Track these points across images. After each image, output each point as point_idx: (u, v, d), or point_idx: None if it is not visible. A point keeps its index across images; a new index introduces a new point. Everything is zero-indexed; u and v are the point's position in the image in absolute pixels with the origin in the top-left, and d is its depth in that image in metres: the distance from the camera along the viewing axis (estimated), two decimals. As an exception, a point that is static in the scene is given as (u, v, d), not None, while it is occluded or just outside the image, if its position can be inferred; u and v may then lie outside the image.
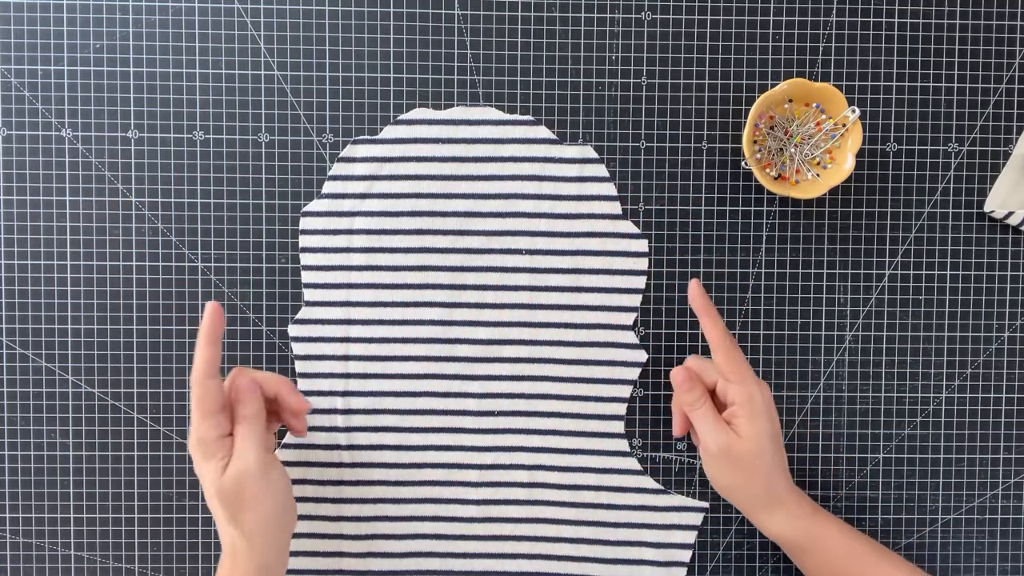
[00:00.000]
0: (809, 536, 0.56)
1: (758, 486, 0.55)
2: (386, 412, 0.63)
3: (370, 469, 0.63)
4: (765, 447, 0.55)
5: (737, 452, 0.54)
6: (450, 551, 0.63)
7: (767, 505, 0.56)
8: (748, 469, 0.55)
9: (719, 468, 0.56)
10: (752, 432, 0.54)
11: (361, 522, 0.63)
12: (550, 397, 0.62)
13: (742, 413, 0.55)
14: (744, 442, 0.54)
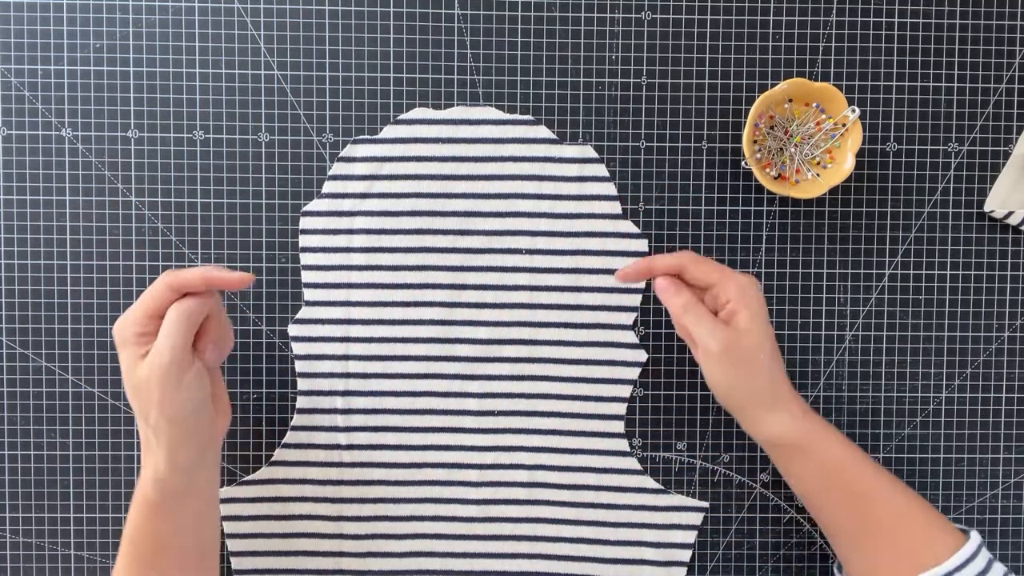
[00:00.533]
0: (810, 436, 0.54)
1: (763, 380, 0.54)
2: (386, 412, 0.63)
3: (370, 469, 0.63)
4: (764, 339, 0.53)
5: (739, 346, 0.53)
6: (450, 551, 0.63)
7: (771, 401, 0.54)
8: (751, 363, 0.53)
9: (722, 368, 0.53)
10: (751, 323, 0.53)
11: (361, 522, 0.63)
12: (550, 397, 0.62)
13: (740, 306, 0.53)
14: (744, 335, 0.53)
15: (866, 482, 0.55)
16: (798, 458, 0.55)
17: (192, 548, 0.54)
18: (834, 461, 0.55)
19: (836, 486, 0.55)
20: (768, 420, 0.55)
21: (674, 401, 0.63)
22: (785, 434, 0.55)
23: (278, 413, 0.63)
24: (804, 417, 0.55)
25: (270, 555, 0.63)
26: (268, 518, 0.63)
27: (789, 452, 0.56)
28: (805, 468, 0.55)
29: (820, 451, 0.55)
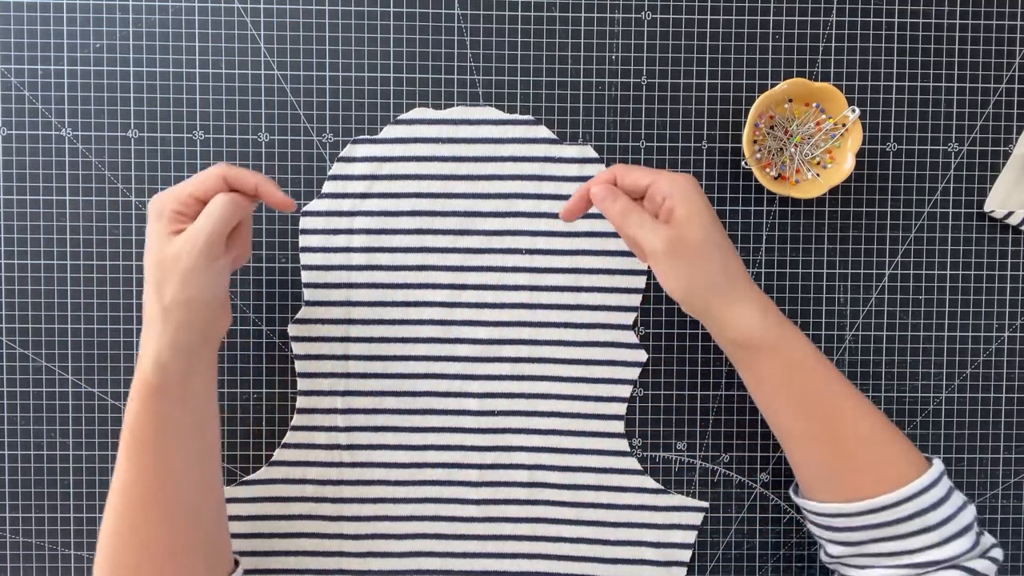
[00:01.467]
0: (777, 333, 0.53)
1: (716, 271, 0.52)
2: (386, 412, 0.63)
3: (370, 469, 0.63)
4: (709, 229, 0.52)
5: (683, 240, 0.51)
6: (450, 551, 0.63)
7: (730, 293, 0.52)
8: (700, 255, 0.51)
9: (671, 265, 0.52)
10: (691, 215, 0.51)
11: (361, 522, 0.63)
12: (550, 397, 0.62)
13: (676, 201, 0.51)
14: (686, 228, 0.51)
15: (831, 390, 0.54)
16: (765, 358, 0.53)
17: (191, 434, 0.53)
18: (800, 363, 0.54)
19: (800, 390, 0.54)
20: (733, 315, 0.53)
21: (674, 401, 0.63)
22: (753, 329, 0.53)
23: (278, 413, 0.63)
24: (769, 312, 0.53)
25: (270, 555, 0.63)
26: (268, 518, 0.63)
27: (755, 352, 0.54)
28: (771, 368, 0.54)
29: (787, 351, 0.53)
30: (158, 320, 0.50)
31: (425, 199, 0.62)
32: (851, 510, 0.53)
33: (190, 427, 0.53)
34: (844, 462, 0.54)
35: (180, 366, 0.51)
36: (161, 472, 0.52)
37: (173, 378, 0.51)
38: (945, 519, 0.52)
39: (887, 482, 0.52)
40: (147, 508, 0.52)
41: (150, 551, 0.52)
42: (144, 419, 0.51)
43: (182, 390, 0.52)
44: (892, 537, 0.52)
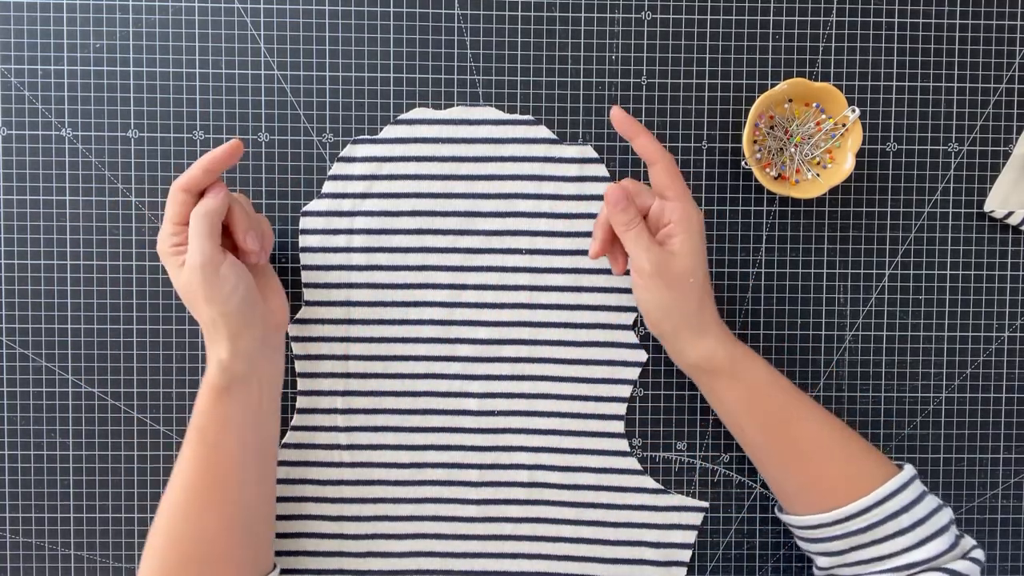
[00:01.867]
0: (736, 361, 0.55)
1: (692, 305, 0.54)
2: (386, 412, 0.63)
3: (370, 469, 0.63)
4: (698, 266, 0.54)
5: (672, 269, 0.54)
6: (450, 551, 0.63)
7: (699, 327, 0.55)
8: (682, 287, 0.54)
9: (654, 289, 0.54)
10: (688, 249, 0.54)
11: (361, 522, 0.63)
12: (550, 397, 0.62)
13: (679, 230, 0.54)
14: (679, 259, 0.54)
15: (791, 407, 0.56)
16: (725, 382, 0.56)
17: (253, 434, 0.55)
18: (760, 385, 0.56)
19: (761, 410, 0.56)
20: (695, 344, 0.55)
21: (674, 401, 0.63)
22: (712, 357, 0.55)
23: (278, 413, 0.63)
24: (732, 343, 0.56)
25: (270, 555, 0.63)
26: (268, 518, 0.63)
27: (715, 376, 0.56)
28: (731, 392, 0.56)
29: (746, 375, 0.55)
30: (210, 334, 0.54)
31: (425, 199, 0.62)
32: (827, 520, 0.54)
33: (254, 428, 0.55)
34: (813, 475, 0.55)
35: (241, 366, 0.54)
36: (224, 470, 0.54)
37: (237, 379, 0.54)
38: (918, 521, 0.53)
39: (858, 490, 0.54)
40: (207, 504, 0.53)
41: (202, 548, 0.53)
42: (212, 418, 0.54)
43: (246, 391, 0.54)
44: (869, 543, 0.54)
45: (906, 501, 0.53)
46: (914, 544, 0.53)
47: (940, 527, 0.53)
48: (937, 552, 0.52)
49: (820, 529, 0.55)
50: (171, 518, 0.53)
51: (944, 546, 0.53)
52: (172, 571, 0.53)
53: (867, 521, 0.53)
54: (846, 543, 0.54)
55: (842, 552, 0.55)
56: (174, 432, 0.63)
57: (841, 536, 0.54)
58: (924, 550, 0.53)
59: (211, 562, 0.53)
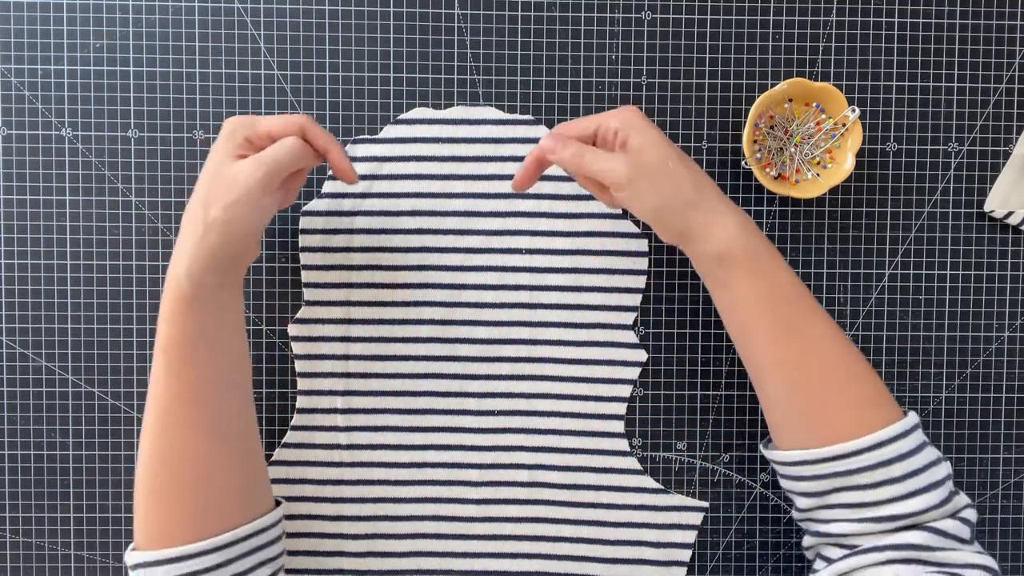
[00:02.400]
0: (761, 248, 0.52)
1: (686, 186, 0.52)
2: (386, 412, 0.63)
3: (370, 469, 0.63)
4: (666, 149, 0.52)
5: (644, 161, 0.51)
6: (450, 551, 0.63)
7: (707, 204, 0.52)
8: (665, 173, 0.51)
9: (639, 191, 0.51)
10: (648, 140, 0.52)
11: (361, 522, 0.63)
12: (550, 397, 0.62)
13: (627, 132, 0.52)
14: (645, 150, 0.51)
15: (811, 319, 0.53)
16: (745, 275, 0.52)
17: (222, 346, 0.53)
18: (782, 285, 0.52)
19: (780, 313, 0.52)
20: (713, 227, 0.52)
21: (674, 401, 0.63)
22: (734, 240, 0.52)
23: (278, 413, 0.63)
24: (750, 227, 0.53)
25: (270, 555, 0.63)
26: (268, 518, 0.63)
27: (736, 268, 0.52)
28: (750, 287, 0.52)
29: (768, 269, 0.52)
30: (197, 233, 0.51)
31: (425, 199, 0.62)
32: (814, 456, 0.51)
33: (223, 344, 0.53)
34: (815, 400, 0.52)
35: (212, 279, 0.51)
36: (198, 389, 0.52)
37: (205, 289, 0.51)
38: (911, 472, 0.50)
39: (855, 427, 0.51)
40: (186, 428, 0.51)
41: (191, 475, 0.51)
42: (180, 332, 0.51)
43: (215, 301, 0.52)
44: (855, 487, 0.51)
45: (902, 450, 0.50)
46: (901, 495, 0.50)
47: (933, 481, 0.50)
48: (923, 507, 0.49)
49: (806, 466, 0.52)
50: (152, 446, 0.51)
51: (933, 501, 0.49)
52: (168, 503, 0.51)
53: (857, 464, 0.50)
54: (830, 483, 0.51)
55: (824, 493, 0.52)
56: (174, 432, 0.63)
57: (826, 476, 0.51)
58: (910, 503, 0.49)
59: (203, 490, 0.51)
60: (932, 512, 0.50)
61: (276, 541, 0.55)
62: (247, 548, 0.52)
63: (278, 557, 0.55)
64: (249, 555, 0.53)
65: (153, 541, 0.51)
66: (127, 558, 0.52)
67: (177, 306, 0.51)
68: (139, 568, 0.51)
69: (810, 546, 0.55)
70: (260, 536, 0.54)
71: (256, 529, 0.53)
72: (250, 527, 0.53)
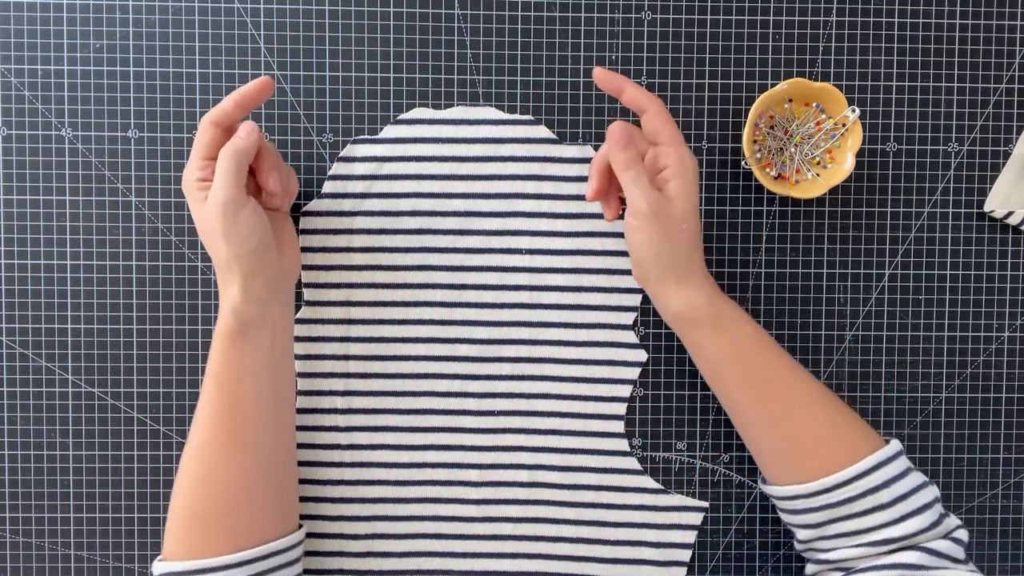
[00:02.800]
0: (720, 313, 0.55)
1: (681, 251, 0.54)
2: (386, 412, 0.63)
3: (370, 469, 0.63)
4: (691, 212, 0.54)
5: (668, 212, 0.53)
6: (450, 551, 0.63)
7: (685, 274, 0.55)
8: (675, 232, 0.53)
9: (648, 231, 0.53)
10: (684, 193, 0.53)
11: (361, 522, 0.63)
12: (550, 397, 0.62)
13: (674, 175, 0.53)
14: (675, 203, 0.53)
15: (777, 366, 0.55)
16: (708, 333, 0.55)
17: (267, 378, 0.55)
18: (744, 340, 0.55)
19: (746, 366, 0.55)
20: (680, 292, 0.55)
21: (674, 401, 0.63)
22: (696, 306, 0.55)
23: (278, 413, 0.63)
24: (715, 295, 0.56)
25: (270, 555, 0.63)
26: (268, 518, 0.63)
27: (699, 327, 0.55)
28: (714, 345, 0.55)
29: (730, 329, 0.55)
30: (224, 274, 0.54)
31: (425, 199, 0.62)
32: (806, 491, 0.54)
33: (268, 371, 0.55)
34: (793, 439, 0.54)
35: (254, 310, 0.54)
36: (244, 418, 0.54)
37: (250, 324, 0.54)
38: (899, 497, 0.52)
39: (839, 461, 0.53)
40: (228, 452, 0.53)
41: (226, 496, 0.53)
42: (227, 362, 0.54)
43: (259, 335, 0.54)
44: (847, 516, 0.53)
45: (887, 476, 0.52)
46: (893, 520, 0.52)
47: (922, 504, 0.52)
48: (916, 529, 0.51)
49: (799, 500, 0.54)
50: (193, 465, 0.54)
51: (924, 524, 0.51)
52: (200, 519, 0.53)
53: (846, 494, 0.52)
54: (824, 515, 0.53)
55: (820, 524, 0.54)
56: (174, 432, 0.63)
57: (820, 508, 0.53)
58: (903, 527, 0.51)
59: (236, 509, 0.53)
60: (925, 534, 0.52)
61: (296, 561, 0.57)
62: (270, 565, 0.54)
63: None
64: (272, 572, 0.54)
65: (182, 553, 0.53)
66: (154, 568, 0.53)
67: (225, 341, 0.54)
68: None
69: (813, 573, 0.56)
70: (285, 554, 0.55)
71: (282, 547, 0.55)
72: (276, 544, 0.54)
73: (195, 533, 0.53)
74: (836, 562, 0.54)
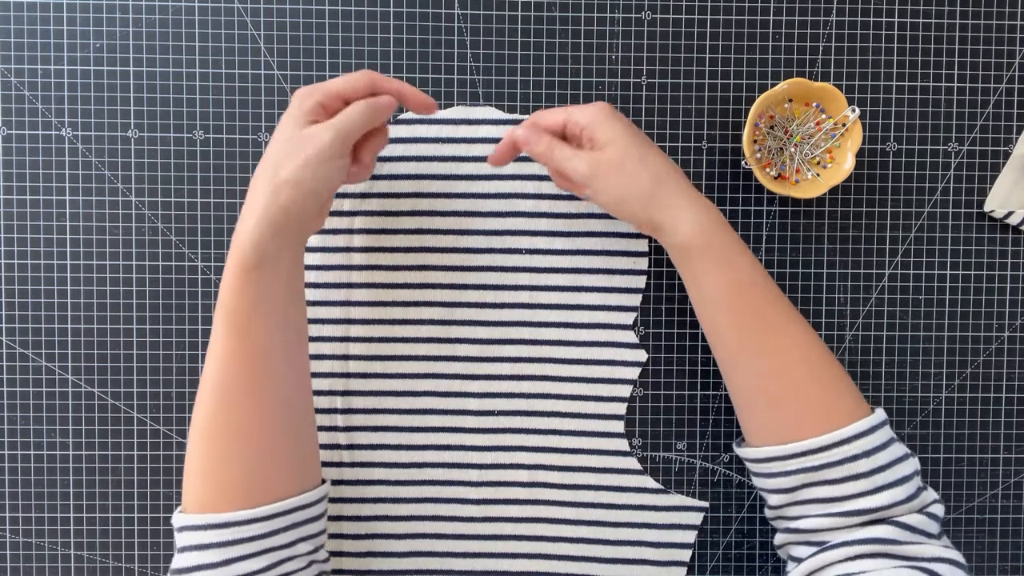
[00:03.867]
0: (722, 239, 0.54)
1: (643, 181, 0.53)
2: (386, 412, 0.63)
3: (370, 469, 0.63)
4: (629, 146, 0.53)
5: (605, 159, 0.53)
6: (450, 551, 0.63)
7: (668, 199, 0.53)
8: (624, 170, 0.53)
9: (601, 187, 0.54)
10: (610, 136, 0.53)
11: (361, 522, 0.63)
12: (550, 397, 0.62)
13: (593, 129, 0.54)
14: (607, 148, 0.53)
15: (776, 310, 0.54)
16: (708, 267, 0.54)
17: (282, 317, 0.53)
18: (744, 276, 0.54)
19: (744, 305, 0.53)
20: (676, 220, 0.53)
21: (674, 401, 0.63)
22: (692, 234, 0.53)
23: (278, 413, 0.63)
24: (713, 220, 0.54)
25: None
26: (268, 518, 0.63)
27: (698, 259, 0.54)
28: (714, 280, 0.54)
29: (730, 262, 0.54)
30: (264, 196, 0.51)
31: (425, 199, 0.62)
32: (782, 453, 0.52)
33: (283, 312, 0.53)
34: (781, 393, 0.53)
35: (275, 245, 0.51)
36: (258, 358, 0.52)
37: (269, 256, 0.51)
38: (877, 468, 0.51)
39: (823, 422, 0.52)
40: (244, 397, 0.51)
41: (245, 442, 0.51)
42: (241, 296, 0.51)
43: (276, 268, 0.52)
44: (822, 482, 0.51)
45: (868, 446, 0.51)
46: (868, 491, 0.50)
47: (900, 477, 0.51)
48: (891, 502, 0.50)
49: (775, 463, 0.53)
50: (209, 410, 0.51)
51: (900, 496, 0.50)
52: (219, 469, 0.51)
53: (824, 459, 0.51)
54: (799, 479, 0.52)
55: (793, 489, 0.53)
56: (174, 432, 0.63)
57: (795, 471, 0.52)
58: (878, 498, 0.50)
59: (256, 458, 0.51)
60: (899, 507, 0.50)
61: (319, 518, 0.55)
62: (291, 521, 0.52)
63: (319, 535, 0.55)
64: (293, 528, 0.52)
65: (201, 505, 0.51)
66: (175, 520, 0.51)
67: (240, 274, 0.51)
68: (186, 530, 0.51)
69: (781, 544, 0.55)
70: (305, 511, 0.53)
71: (302, 503, 0.53)
72: (296, 500, 0.52)
73: (215, 485, 0.51)
74: (805, 532, 0.52)
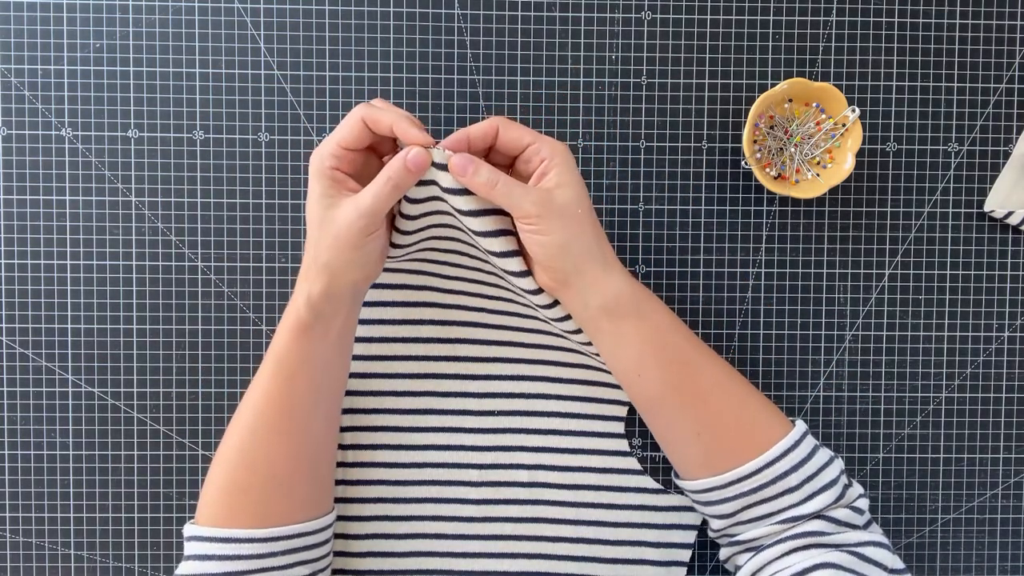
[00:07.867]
0: (642, 300, 0.54)
1: (589, 236, 0.52)
2: (386, 412, 0.63)
3: (370, 469, 0.63)
4: (580, 197, 0.52)
5: (558, 202, 0.51)
6: (450, 551, 0.63)
7: (603, 260, 0.53)
8: (572, 219, 0.52)
9: (546, 229, 0.51)
10: (566, 180, 0.52)
11: (361, 522, 0.63)
12: (550, 397, 0.62)
13: (551, 165, 0.52)
14: (561, 191, 0.51)
15: (693, 351, 0.55)
16: (632, 322, 0.54)
17: (327, 373, 0.56)
18: (665, 325, 0.55)
19: (666, 350, 0.54)
20: (603, 282, 0.53)
21: (674, 401, 0.63)
22: (622, 293, 0.53)
23: (278, 413, 0.63)
24: (633, 281, 0.55)
25: (270, 555, 0.63)
26: (268, 518, 0.63)
27: (623, 318, 0.54)
28: (638, 333, 0.54)
29: (653, 315, 0.55)
30: (314, 269, 0.53)
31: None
32: (719, 483, 0.55)
33: (328, 364, 0.56)
34: (708, 424, 0.55)
35: (329, 308, 0.54)
36: (296, 400, 0.54)
37: (322, 318, 0.54)
38: (807, 478, 0.54)
39: (750, 448, 0.54)
40: (275, 437, 0.54)
41: (266, 474, 0.54)
42: (291, 350, 0.54)
43: (327, 329, 0.54)
44: (759, 502, 0.54)
45: (796, 460, 0.53)
46: (801, 500, 0.53)
47: (828, 482, 0.54)
48: (823, 506, 0.53)
49: (713, 492, 0.55)
50: (240, 440, 0.54)
51: (830, 499, 0.53)
52: (237, 491, 0.54)
53: (758, 481, 0.53)
54: (738, 504, 0.55)
55: (734, 513, 0.55)
56: (174, 432, 0.63)
57: (733, 497, 0.54)
58: (810, 504, 0.53)
59: (273, 489, 0.54)
60: (830, 507, 0.54)
61: (322, 545, 0.57)
62: (292, 546, 0.55)
63: (320, 560, 0.57)
64: (292, 552, 0.55)
65: (213, 520, 0.54)
66: (185, 529, 0.54)
67: (294, 330, 0.54)
68: (193, 540, 0.54)
69: (726, 558, 0.58)
70: (307, 537, 0.56)
71: (305, 531, 0.55)
72: (300, 527, 0.55)
73: (230, 505, 0.54)
74: (747, 542, 0.55)
